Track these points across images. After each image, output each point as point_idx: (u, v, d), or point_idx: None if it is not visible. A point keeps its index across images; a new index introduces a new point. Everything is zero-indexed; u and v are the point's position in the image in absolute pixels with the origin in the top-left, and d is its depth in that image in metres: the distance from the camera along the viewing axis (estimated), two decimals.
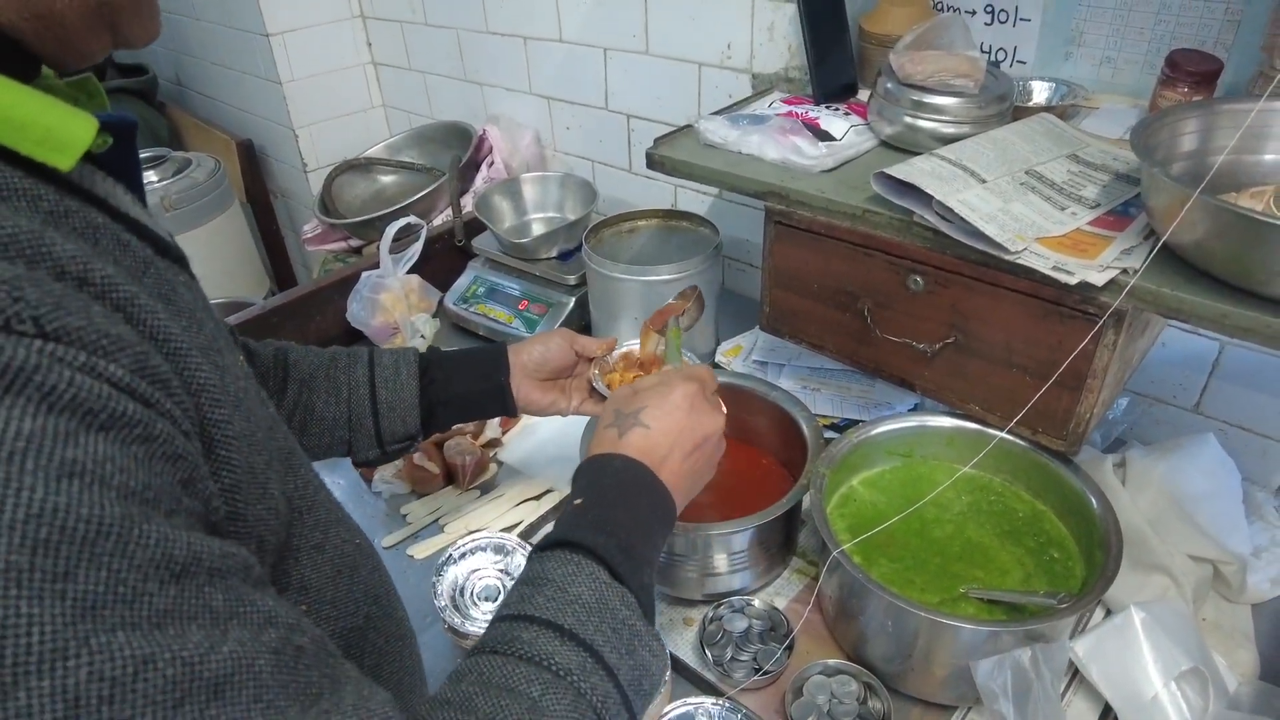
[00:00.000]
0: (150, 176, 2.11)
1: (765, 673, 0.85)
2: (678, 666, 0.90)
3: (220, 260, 2.19)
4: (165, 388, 0.38)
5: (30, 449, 0.30)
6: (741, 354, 1.33)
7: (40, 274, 0.35)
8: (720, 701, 0.83)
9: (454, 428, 1.19)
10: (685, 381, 0.71)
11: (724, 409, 0.75)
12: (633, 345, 0.96)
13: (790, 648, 0.87)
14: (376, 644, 0.61)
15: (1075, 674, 0.87)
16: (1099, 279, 0.75)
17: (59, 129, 0.39)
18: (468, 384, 0.89)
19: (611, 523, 0.60)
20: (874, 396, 1.19)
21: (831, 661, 0.86)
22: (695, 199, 1.57)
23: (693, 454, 0.68)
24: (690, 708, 0.83)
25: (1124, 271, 0.76)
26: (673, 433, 0.67)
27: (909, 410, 1.12)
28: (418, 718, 0.47)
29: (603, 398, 0.90)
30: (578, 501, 0.62)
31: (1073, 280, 0.75)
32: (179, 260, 0.52)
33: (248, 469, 0.46)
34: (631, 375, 0.93)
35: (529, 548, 0.99)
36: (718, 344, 1.38)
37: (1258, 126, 0.81)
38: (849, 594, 0.86)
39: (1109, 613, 0.91)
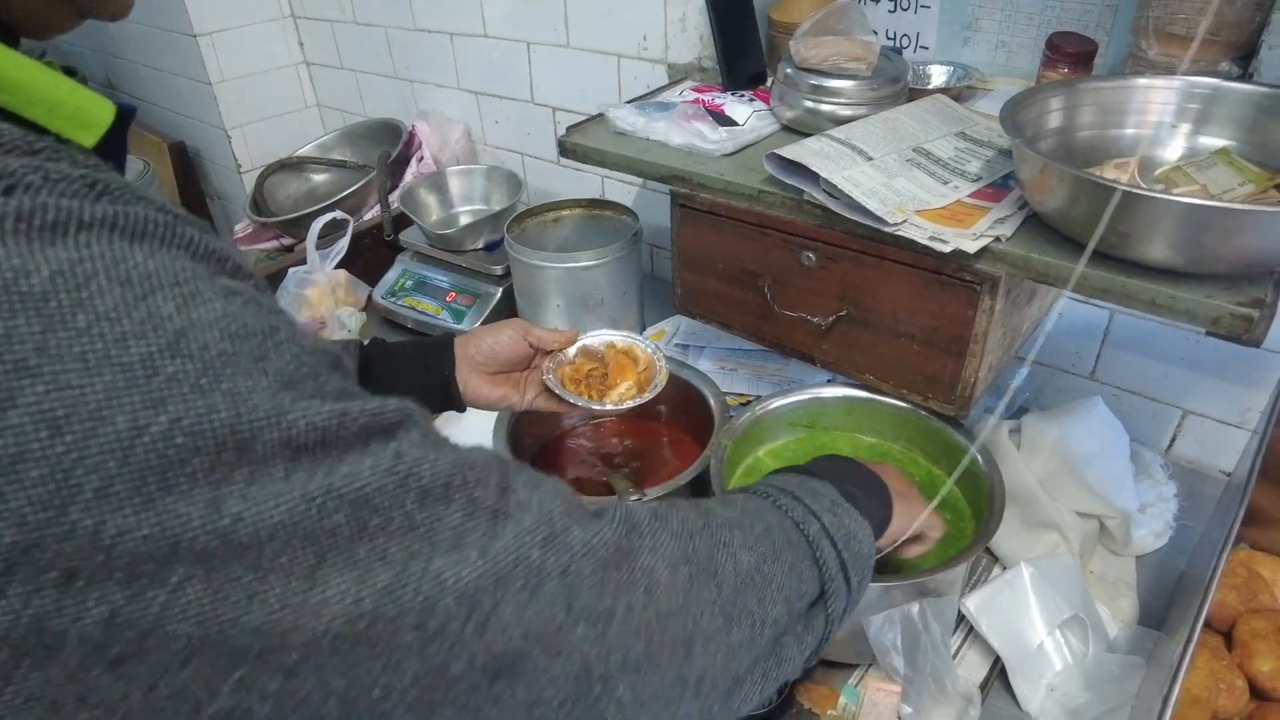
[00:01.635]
0: None
1: None
2: None
3: None
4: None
5: (197, 278, 0.36)
6: (664, 338, 1.36)
7: None
8: None
9: None
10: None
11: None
12: (592, 339, 0.93)
13: None
14: None
15: (970, 630, 0.91)
16: (972, 246, 0.78)
17: (85, 109, 0.41)
18: (410, 377, 0.85)
19: (845, 481, 0.66)
20: (787, 375, 1.23)
21: None
22: (622, 190, 1.60)
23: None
24: None
25: (996, 239, 0.79)
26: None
27: (824, 384, 1.15)
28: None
29: (559, 397, 0.87)
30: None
31: (947, 249, 0.79)
32: None
33: None
34: (586, 369, 0.90)
35: None
36: (643, 329, 1.40)
37: (1120, 102, 0.86)
38: None
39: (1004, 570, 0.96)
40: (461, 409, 0.87)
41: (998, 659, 0.87)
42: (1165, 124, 0.87)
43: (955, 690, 0.80)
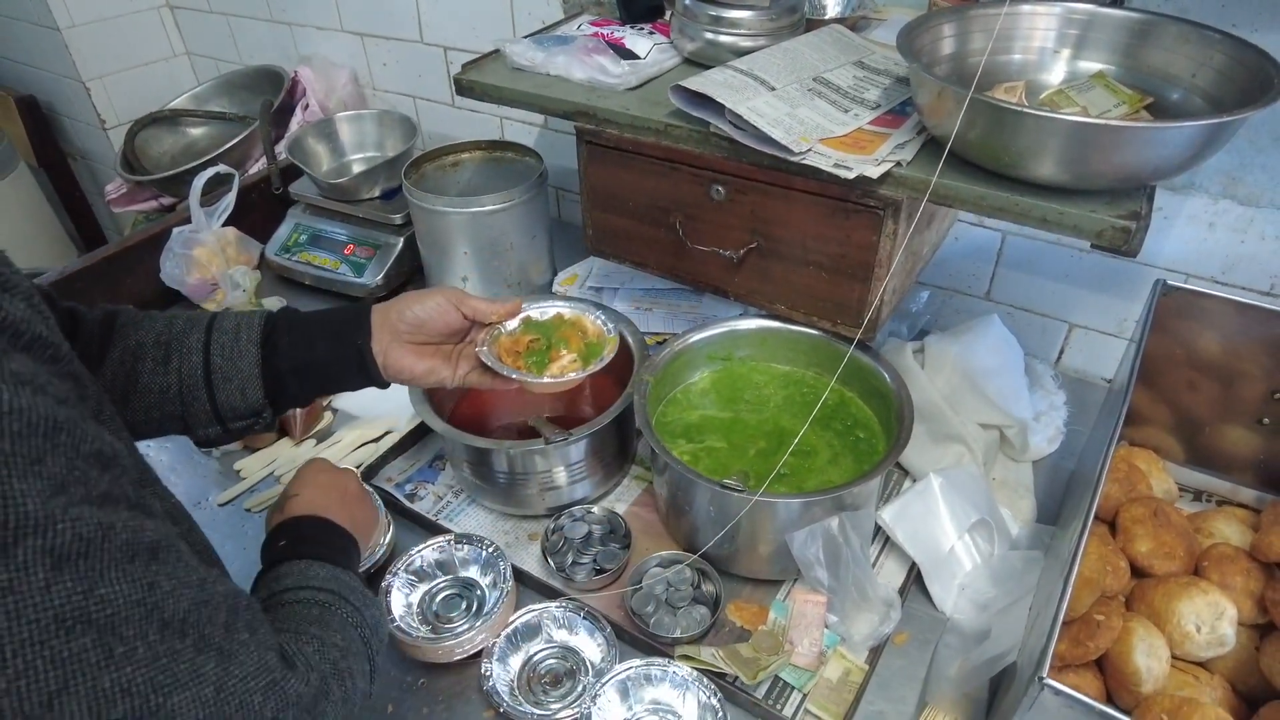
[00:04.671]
0: None
1: (604, 571, 0.89)
2: (523, 578, 0.93)
3: (9, 230, 1.98)
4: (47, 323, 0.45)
5: None
6: (577, 282, 1.35)
7: None
8: (563, 603, 0.87)
9: None
10: (317, 465, 0.81)
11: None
12: (537, 310, 0.85)
13: (627, 546, 0.92)
14: None
15: (887, 540, 0.96)
16: (874, 172, 0.80)
17: None
18: (320, 350, 0.75)
19: (315, 544, 0.70)
20: (702, 311, 1.24)
21: (666, 553, 0.91)
22: (522, 131, 1.56)
23: (346, 502, 0.77)
24: (535, 614, 0.86)
25: (898, 164, 0.82)
26: (320, 490, 0.76)
27: (739, 317, 1.17)
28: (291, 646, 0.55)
29: (493, 371, 0.79)
30: (282, 543, 0.69)
31: (851, 175, 0.80)
32: None
33: None
34: (527, 340, 0.82)
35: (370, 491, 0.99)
36: (555, 274, 1.39)
37: (1006, 29, 0.89)
38: (676, 488, 0.91)
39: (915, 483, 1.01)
40: (383, 384, 0.79)
41: (914, 565, 0.93)
42: (1048, 49, 0.91)
43: (877, 596, 0.85)
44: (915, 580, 0.93)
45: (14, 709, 0.35)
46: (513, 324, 0.83)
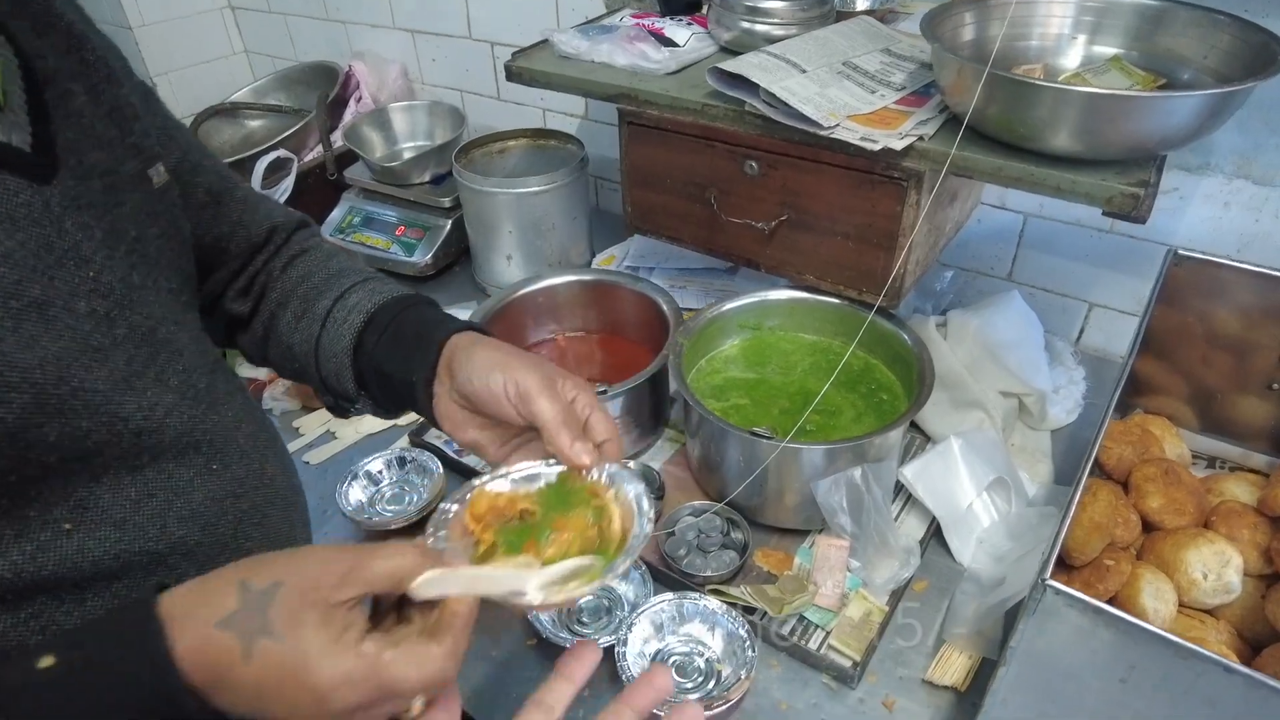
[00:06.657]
0: None
1: None
2: None
3: None
4: None
5: None
6: (615, 261, 1.42)
7: None
8: None
9: None
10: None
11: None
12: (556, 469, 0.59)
13: (661, 497, 0.98)
14: (180, 570, 0.58)
15: (909, 497, 1.01)
16: (898, 145, 0.86)
17: None
18: (392, 364, 0.68)
19: None
20: (734, 288, 1.30)
21: (697, 503, 0.97)
22: (563, 122, 1.63)
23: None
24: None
25: (920, 138, 0.88)
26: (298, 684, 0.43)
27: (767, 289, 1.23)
28: None
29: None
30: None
31: (876, 147, 0.86)
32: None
33: None
34: (519, 508, 0.56)
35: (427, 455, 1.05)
36: (593, 255, 1.46)
37: (1025, 15, 0.95)
38: (709, 441, 0.97)
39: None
40: (435, 423, 0.67)
41: (934, 520, 0.98)
42: (1065, 35, 0.96)
43: (897, 544, 0.90)
44: (935, 534, 0.98)
45: None
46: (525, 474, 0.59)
